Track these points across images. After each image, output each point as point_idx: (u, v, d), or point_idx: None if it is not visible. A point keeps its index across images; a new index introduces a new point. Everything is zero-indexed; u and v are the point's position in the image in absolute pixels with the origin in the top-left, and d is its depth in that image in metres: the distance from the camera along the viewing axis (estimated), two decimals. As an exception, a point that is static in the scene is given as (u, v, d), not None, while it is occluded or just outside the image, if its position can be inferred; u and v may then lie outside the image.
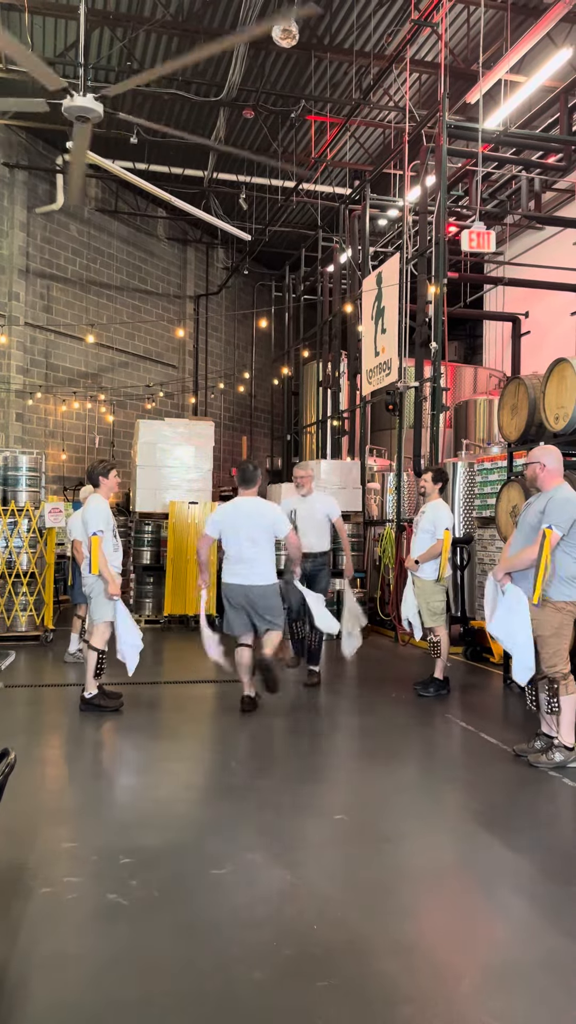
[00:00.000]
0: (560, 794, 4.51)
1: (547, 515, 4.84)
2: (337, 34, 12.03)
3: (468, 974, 2.68)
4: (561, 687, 4.85)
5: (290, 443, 18.33)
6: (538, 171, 12.42)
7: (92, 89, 7.30)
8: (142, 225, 18.91)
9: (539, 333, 14.58)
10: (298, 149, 15.20)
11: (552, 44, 10.84)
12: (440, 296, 9.76)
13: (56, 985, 2.60)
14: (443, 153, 9.76)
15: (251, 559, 6.13)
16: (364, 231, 12.79)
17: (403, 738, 5.79)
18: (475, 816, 4.17)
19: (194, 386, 20.30)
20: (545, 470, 5.04)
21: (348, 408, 14.28)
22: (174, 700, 6.91)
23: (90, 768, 5.09)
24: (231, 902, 3.15)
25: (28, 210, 15.91)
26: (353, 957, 2.77)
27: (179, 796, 4.40)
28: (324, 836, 3.88)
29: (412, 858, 3.64)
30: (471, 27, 11.43)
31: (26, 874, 3.35)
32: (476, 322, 19.42)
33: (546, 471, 5.04)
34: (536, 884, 3.43)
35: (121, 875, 3.35)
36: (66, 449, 16.90)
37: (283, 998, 2.54)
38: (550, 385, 6.79)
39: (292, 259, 17.94)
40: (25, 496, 9.71)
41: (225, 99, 12.41)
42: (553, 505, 4.85)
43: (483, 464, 9.04)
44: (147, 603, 11.51)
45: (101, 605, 6.18)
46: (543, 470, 5.04)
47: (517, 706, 6.64)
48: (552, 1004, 2.56)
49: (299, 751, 5.49)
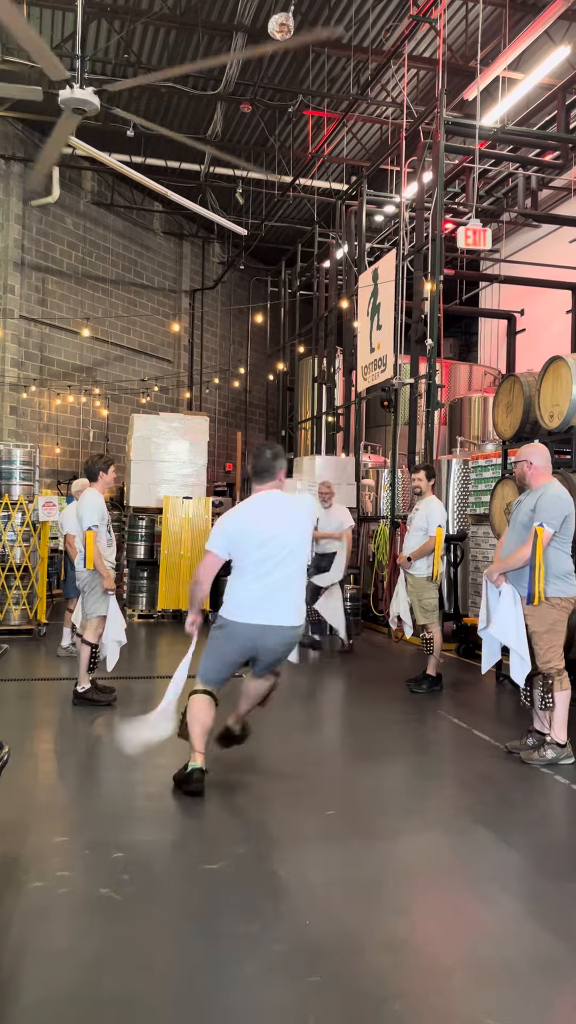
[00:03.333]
0: (551, 791, 4.52)
1: (538, 513, 4.85)
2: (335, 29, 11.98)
3: (459, 969, 2.69)
4: (556, 683, 4.86)
5: (285, 439, 18.32)
6: (535, 168, 12.42)
7: (88, 81, 7.26)
8: (138, 219, 18.85)
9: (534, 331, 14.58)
10: (295, 144, 15.17)
11: (550, 41, 10.82)
12: (436, 293, 9.76)
13: (47, 979, 2.60)
14: (440, 149, 9.75)
15: (282, 584, 4.21)
16: (360, 227, 12.77)
17: (395, 734, 5.80)
18: (466, 812, 4.18)
19: (189, 381, 20.26)
20: (533, 468, 5.05)
21: (343, 404, 14.29)
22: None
23: (83, 762, 5.09)
24: (223, 897, 3.16)
25: (24, 203, 15.84)
26: (345, 952, 2.77)
27: (171, 791, 4.39)
28: (315, 831, 3.89)
29: (403, 854, 3.65)
30: (469, 23, 11.40)
31: (18, 868, 3.34)
32: (472, 319, 19.42)
33: (534, 469, 5.05)
34: (527, 880, 3.44)
35: (113, 869, 3.34)
36: (60, 443, 16.86)
37: (275, 993, 2.54)
38: (545, 383, 6.80)
39: (288, 254, 17.92)
40: (19, 490, 9.68)
41: (223, 93, 12.37)
42: (543, 502, 4.86)
43: (477, 461, 9.05)
44: (140, 598, 11.50)
45: (95, 600, 6.16)
46: (531, 468, 5.06)
47: (509, 703, 6.66)
48: (542, 999, 2.57)
49: (291, 746, 5.49)
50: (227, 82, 12.02)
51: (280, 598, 4.20)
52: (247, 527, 4.25)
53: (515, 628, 4.90)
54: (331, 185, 15.62)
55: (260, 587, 4.19)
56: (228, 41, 11.66)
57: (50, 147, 7.97)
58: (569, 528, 4.93)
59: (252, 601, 4.20)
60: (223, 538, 4.27)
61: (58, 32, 12.39)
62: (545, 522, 4.80)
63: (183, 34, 11.94)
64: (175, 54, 12.62)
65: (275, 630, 4.19)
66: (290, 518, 4.29)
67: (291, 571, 4.23)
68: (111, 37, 12.27)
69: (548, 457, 5.13)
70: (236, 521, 4.30)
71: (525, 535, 4.93)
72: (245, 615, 4.20)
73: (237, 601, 4.25)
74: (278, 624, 4.19)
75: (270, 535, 4.19)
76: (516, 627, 4.90)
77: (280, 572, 4.19)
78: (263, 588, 4.18)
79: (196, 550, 11.14)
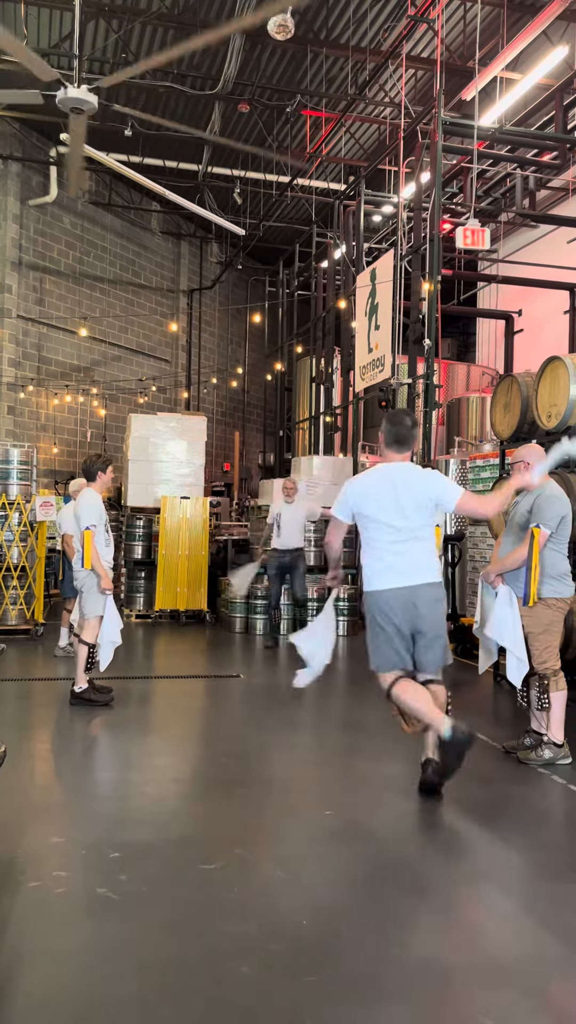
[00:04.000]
0: (549, 791, 4.52)
1: (535, 514, 4.85)
2: (333, 29, 11.99)
3: (457, 969, 2.69)
4: (551, 683, 4.86)
5: (283, 439, 18.31)
6: (533, 169, 12.41)
7: (87, 81, 7.26)
8: (136, 219, 18.83)
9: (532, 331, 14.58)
10: (293, 144, 15.16)
11: (548, 42, 10.83)
12: (434, 293, 9.75)
13: (45, 980, 2.59)
14: (438, 150, 9.75)
15: (411, 548, 4.16)
16: (358, 227, 12.77)
17: (392, 735, 5.79)
18: (464, 813, 4.17)
19: (187, 381, 20.25)
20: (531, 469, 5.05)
21: (341, 404, 14.28)
22: (164, 695, 6.90)
23: (80, 762, 5.08)
24: (220, 897, 3.15)
25: (21, 202, 15.82)
26: (342, 953, 2.77)
27: (169, 791, 4.39)
28: (313, 832, 3.89)
29: (401, 854, 3.65)
30: (467, 23, 11.41)
31: (15, 868, 3.34)
32: (469, 319, 19.43)
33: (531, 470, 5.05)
34: (526, 881, 3.44)
35: (111, 869, 3.34)
36: (58, 443, 16.84)
37: (272, 993, 2.54)
38: (543, 383, 6.80)
39: (286, 254, 17.90)
40: (16, 490, 9.67)
41: (220, 93, 12.37)
42: (540, 503, 4.87)
43: (475, 462, 9.05)
44: (138, 598, 11.50)
45: (92, 600, 6.16)
46: (527, 469, 5.06)
47: (507, 703, 6.66)
48: (542, 1000, 2.57)
49: (288, 746, 5.49)
50: (225, 81, 12.01)
51: (414, 557, 4.17)
52: (375, 491, 4.23)
53: (512, 629, 4.90)
54: (329, 185, 15.62)
55: (392, 552, 4.17)
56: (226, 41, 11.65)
57: (72, 155, 8.05)
58: (566, 529, 4.93)
59: (389, 566, 4.16)
60: (345, 503, 4.31)
61: (56, 32, 12.38)
62: (542, 523, 4.80)
63: (181, 34, 11.93)
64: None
65: (417, 591, 4.14)
66: (420, 484, 4.21)
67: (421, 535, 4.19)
68: (109, 36, 12.26)
69: (543, 455, 5.14)
70: (364, 486, 4.29)
71: (523, 536, 4.93)
72: (383, 582, 4.17)
73: (373, 571, 4.23)
74: (417, 583, 4.14)
75: (404, 498, 4.16)
76: (513, 628, 4.90)
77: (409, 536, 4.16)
78: (396, 554, 4.16)
79: (193, 550, 11.14)
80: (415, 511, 4.16)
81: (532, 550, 4.78)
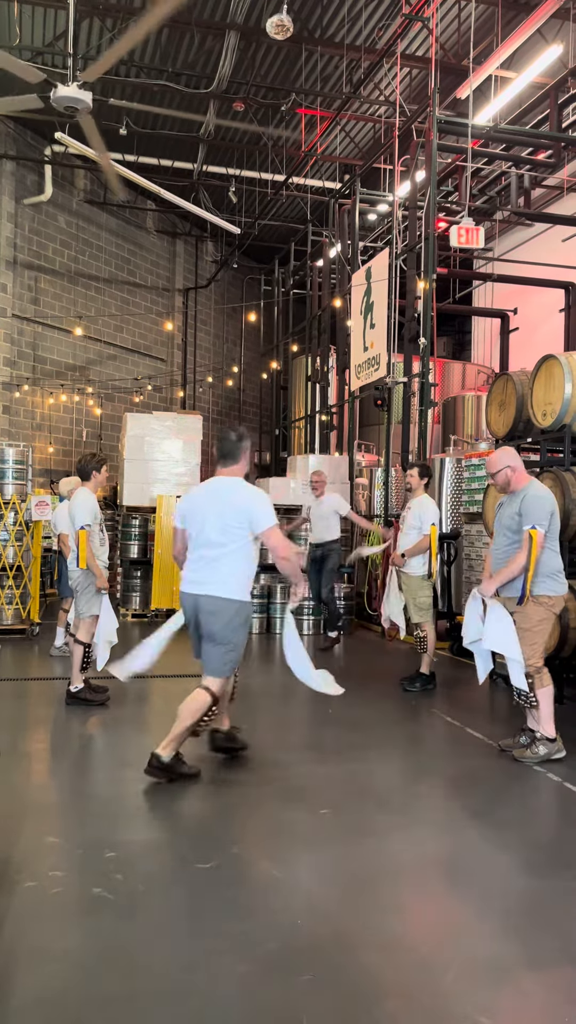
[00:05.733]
0: (545, 789, 4.53)
1: (526, 516, 4.86)
2: (328, 27, 11.98)
3: (452, 967, 2.69)
4: (536, 681, 4.88)
5: (278, 438, 18.31)
6: (528, 167, 12.42)
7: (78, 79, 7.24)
8: (131, 217, 18.80)
9: (527, 330, 14.61)
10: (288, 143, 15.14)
11: (543, 40, 10.84)
12: (429, 292, 9.76)
13: (40, 979, 2.59)
14: (433, 148, 9.76)
15: (211, 558, 4.40)
16: (354, 226, 12.77)
17: (389, 733, 5.80)
18: (460, 811, 4.18)
19: (182, 380, 20.23)
20: (516, 472, 5.09)
21: (336, 403, 14.28)
22: (160, 694, 6.90)
23: (76, 762, 5.08)
24: (216, 896, 3.15)
25: (16, 201, 15.78)
26: (337, 951, 2.78)
27: (164, 790, 4.39)
28: (309, 830, 3.89)
29: (397, 852, 3.65)
30: (462, 22, 11.41)
31: (10, 868, 3.33)
32: (465, 318, 19.43)
33: (517, 472, 5.10)
34: (520, 878, 3.45)
35: (106, 869, 3.34)
36: (53, 442, 16.81)
37: (268, 992, 2.54)
38: (538, 381, 6.81)
39: (281, 253, 17.90)
40: (12, 489, 9.65)
41: (215, 91, 12.35)
42: (528, 504, 4.87)
43: (471, 460, 9.05)
44: (134, 597, 11.48)
45: (88, 599, 6.15)
46: (514, 472, 5.09)
47: (503, 702, 6.67)
48: (536, 998, 2.58)
49: (284, 745, 5.49)
50: (220, 80, 12.00)
51: (208, 569, 4.43)
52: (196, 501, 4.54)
53: (510, 640, 4.88)
54: (324, 184, 15.61)
55: (195, 559, 4.49)
56: (221, 40, 11.65)
57: (101, 159, 8.22)
58: (556, 524, 4.96)
59: (189, 572, 4.53)
60: (178, 511, 4.65)
61: (50, 30, 12.35)
62: (536, 524, 4.81)
63: (175, 32, 11.91)
64: (167, 52, 12.59)
65: (199, 600, 4.47)
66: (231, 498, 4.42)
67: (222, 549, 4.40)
68: (103, 35, 12.24)
69: (518, 456, 5.19)
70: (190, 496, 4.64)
71: (514, 538, 4.94)
72: (183, 584, 4.59)
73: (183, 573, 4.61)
74: (201, 593, 4.45)
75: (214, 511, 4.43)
76: (511, 639, 4.89)
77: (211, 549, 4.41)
78: (196, 561, 4.48)
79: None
80: (225, 527, 4.37)
81: (531, 552, 4.79)
